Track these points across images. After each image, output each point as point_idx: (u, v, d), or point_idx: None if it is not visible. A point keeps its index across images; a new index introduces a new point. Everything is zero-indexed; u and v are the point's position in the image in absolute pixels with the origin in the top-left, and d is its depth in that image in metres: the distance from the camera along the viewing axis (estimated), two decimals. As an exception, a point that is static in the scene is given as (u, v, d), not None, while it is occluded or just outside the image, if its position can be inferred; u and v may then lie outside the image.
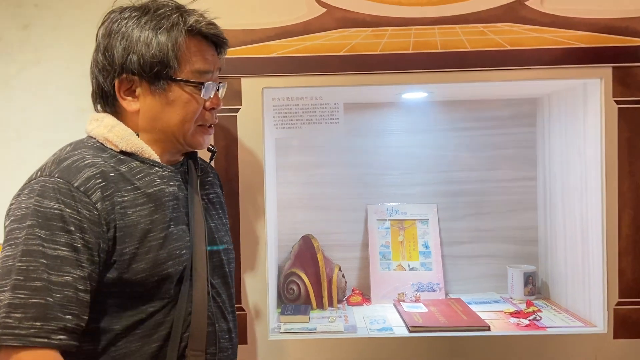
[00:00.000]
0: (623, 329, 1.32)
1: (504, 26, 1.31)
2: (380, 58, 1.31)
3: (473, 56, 1.31)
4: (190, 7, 0.97)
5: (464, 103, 1.73)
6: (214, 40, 0.98)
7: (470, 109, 1.73)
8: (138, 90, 0.93)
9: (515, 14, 1.31)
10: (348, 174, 1.75)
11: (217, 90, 1.00)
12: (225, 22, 1.29)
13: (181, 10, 0.95)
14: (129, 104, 0.94)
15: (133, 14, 0.93)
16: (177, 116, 0.94)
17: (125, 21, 0.93)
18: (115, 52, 0.92)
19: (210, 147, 1.08)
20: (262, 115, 1.33)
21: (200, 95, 0.95)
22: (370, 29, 1.31)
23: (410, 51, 1.31)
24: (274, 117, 1.44)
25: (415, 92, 1.58)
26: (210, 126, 1.01)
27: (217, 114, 1.30)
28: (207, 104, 0.98)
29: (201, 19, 0.95)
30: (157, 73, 0.91)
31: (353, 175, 1.75)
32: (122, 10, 0.95)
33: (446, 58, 1.31)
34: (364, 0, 1.31)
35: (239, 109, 1.32)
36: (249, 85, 1.32)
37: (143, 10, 0.93)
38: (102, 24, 0.95)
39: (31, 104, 1.37)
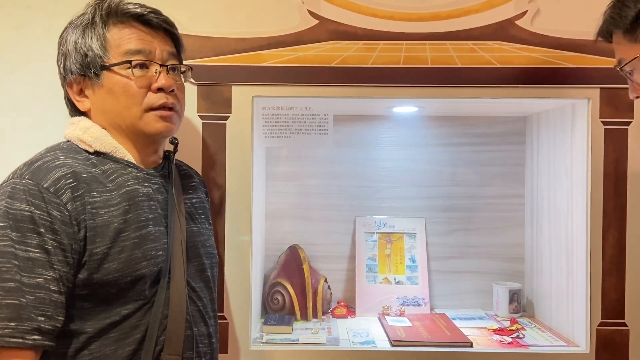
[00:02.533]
0: (605, 350, 1.31)
1: (494, 44, 1.32)
2: (371, 71, 1.32)
3: (463, 73, 1.32)
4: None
5: (455, 119, 1.74)
6: (143, 18, 0.96)
7: (460, 125, 1.73)
8: (86, 90, 0.97)
9: (506, 32, 1.32)
10: (337, 186, 1.75)
11: (171, 72, 0.97)
12: (218, 30, 1.32)
13: (99, 0, 0.97)
14: (82, 104, 0.97)
15: (74, 20, 0.98)
16: (120, 103, 0.94)
17: (67, 28, 0.98)
18: (59, 58, 0.98)
19: (173, 139, 1.04)
20: (252, 123, 1.33)
21: (139, 75, 0.94)
22: (362, 42, 1.32)
23: (401, 65, 1.32)
24: (263, 125, 1.44)
25: (405, 107, 1.59)
26: (170, 109, 0.97)
27: (207, 120, 1.32)
28: (154, 85, 0.95)
29: (114, 1, 0.97)
30: (89, 66, 0.94)
31: (342, 187, 1.75)
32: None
33: (436, 73, 1.32)
34: (357, 14, 1.32)
35: (228, 116, 1.32)
36: (239, 93, 1.32)
37: (78, 15, 0.98)
38: None
39: (21, 104, 1.36)
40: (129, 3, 0.97)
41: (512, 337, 1.41)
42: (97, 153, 0.94)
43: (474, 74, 1.32)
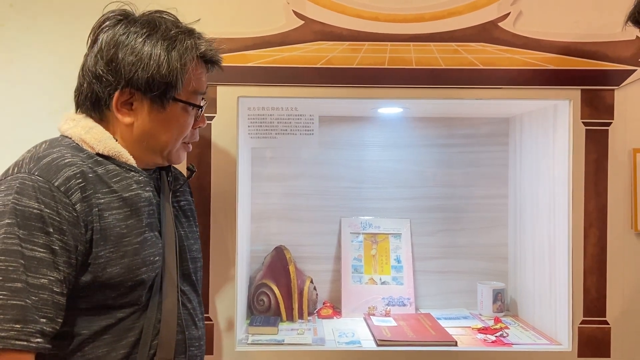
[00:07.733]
0: (587, 348, 1.33)
1: (477, 46, 1.33)
2: (356, 72, 1.33)
3: (447, 74, 1.33)
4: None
5: (439, 120, 1.75)
6: (215, 64, 1.02)
7: (445, 126, 1.75)
8: (136, 104, 0.93)
9: (489, 34, 1.33)
10: (323, 187, 1.75)
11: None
12: (203, 30, 1.30)
13: (193, 35, 0.97)
14: (123, 117, 0.93)
15: (143, 30, 0.93)
16: (170, 134, 0.96)
17: (135, 35, 0.92)
18: (122, 65, 0.91)
19: (190, 166, 1.11)
20: (237, 124, 1.33)
21: (194, 115, 0.99)
22: (347, 42, 1.33)
23: (386, 66, 1.33)
24: (248, 126, 1.44)
25: (390, 107, 1.60)
26: (189, 142, 1.04)
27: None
28: (198, 124, 1.02)
29: (209, 45, 0.99)
30: (162, 92, 0.92)
31: (328, 188, 1.75)
32: (130, 21, 0.94)
33: (420, 74, 1.33)
34: (342, 15, 1.33)
35: (213, 116, 1.32)
36: (225, 94, 1.32)
37: (152, 27, 0.93)
38: (104, 29, 0.93)
39: (2, 104, 1.35)
40: (208, 43, 0.99)
41: (496, 336, 1.43)
42: (98, 154, 0.92)
43: (458, 75, 1.33)
